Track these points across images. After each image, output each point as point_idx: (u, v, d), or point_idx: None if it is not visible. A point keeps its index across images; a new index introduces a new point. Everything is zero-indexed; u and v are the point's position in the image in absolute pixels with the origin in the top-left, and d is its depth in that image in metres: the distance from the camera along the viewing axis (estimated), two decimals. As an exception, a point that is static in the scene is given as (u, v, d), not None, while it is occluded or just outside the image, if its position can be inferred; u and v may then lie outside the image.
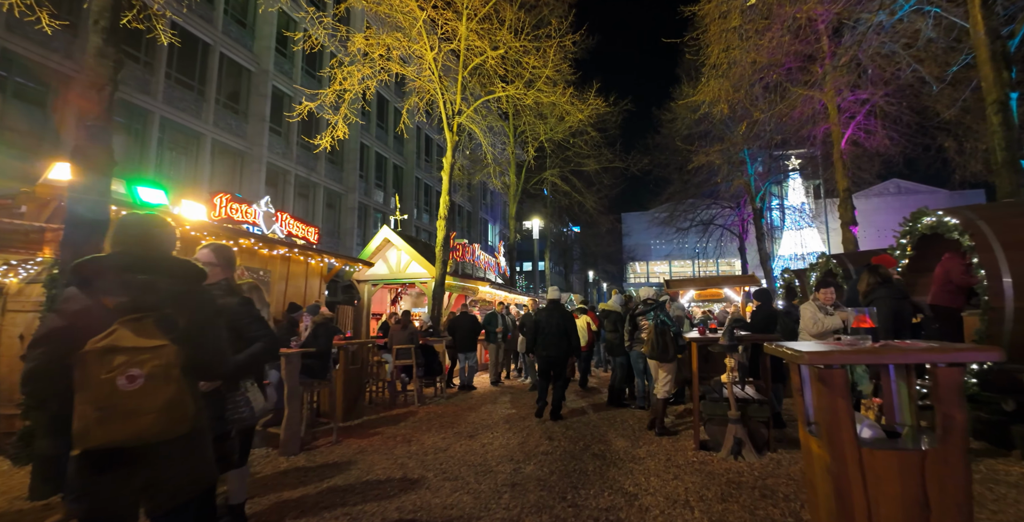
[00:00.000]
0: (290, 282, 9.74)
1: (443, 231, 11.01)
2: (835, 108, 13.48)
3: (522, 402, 8.26)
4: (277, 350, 2.72)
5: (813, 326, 4.85)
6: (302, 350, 5.44)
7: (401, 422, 6.88)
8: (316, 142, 11.75)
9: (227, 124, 19.19)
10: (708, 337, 5.17)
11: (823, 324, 4.81)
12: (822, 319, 4.85)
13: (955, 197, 77.80)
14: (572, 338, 6.75)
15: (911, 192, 62.78)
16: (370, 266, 10.58)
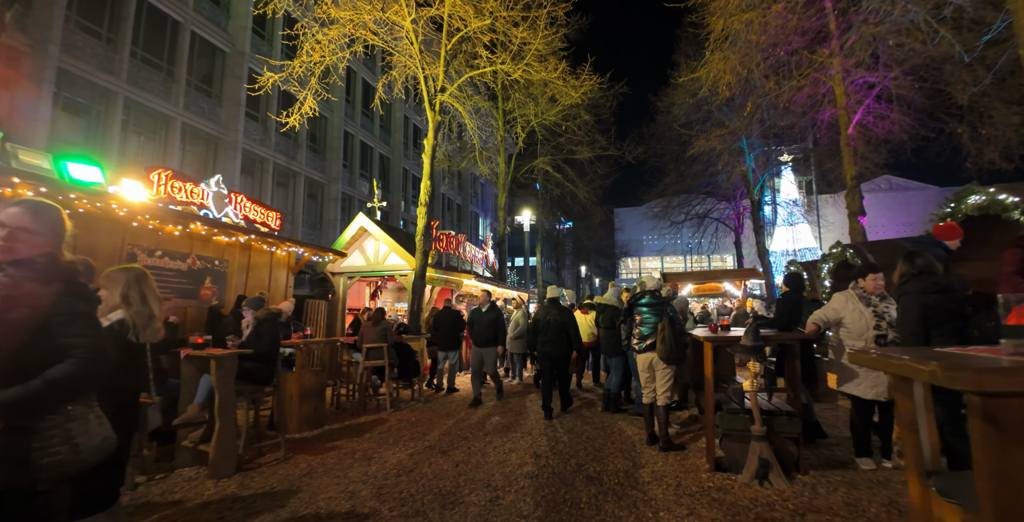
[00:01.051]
0: (251, 274, 8.79)
1: (423, 218, 10.09)
2: (842, 91, 12.67)
3: (507, 407, 7.39)
4: (95, 372, 1.79)
5: (858, 320, 4.00)
6: (235, 351, 4.52)
7: (367, 432, 5.99)
8: (284, 120, 10.70)
9: (199, 108, 18.09)
10: (725, 336, 4.32)
11: (867, 319, 3.98)
12: (865, 312, 4.02)
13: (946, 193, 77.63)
14: (572, 334, 6.69)
15: (902, 188, 62.64)
16: (343, 257, 9.63)
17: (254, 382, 4.84)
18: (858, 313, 4.03)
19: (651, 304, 5.04)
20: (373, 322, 7.36)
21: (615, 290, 7.07)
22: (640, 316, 5.10)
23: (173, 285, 7.50)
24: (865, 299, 4.10)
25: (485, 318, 7.85)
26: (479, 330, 7.81)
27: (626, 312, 5.24)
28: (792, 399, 4.27)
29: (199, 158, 18.38)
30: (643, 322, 5.05)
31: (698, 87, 14.12)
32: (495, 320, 7.89)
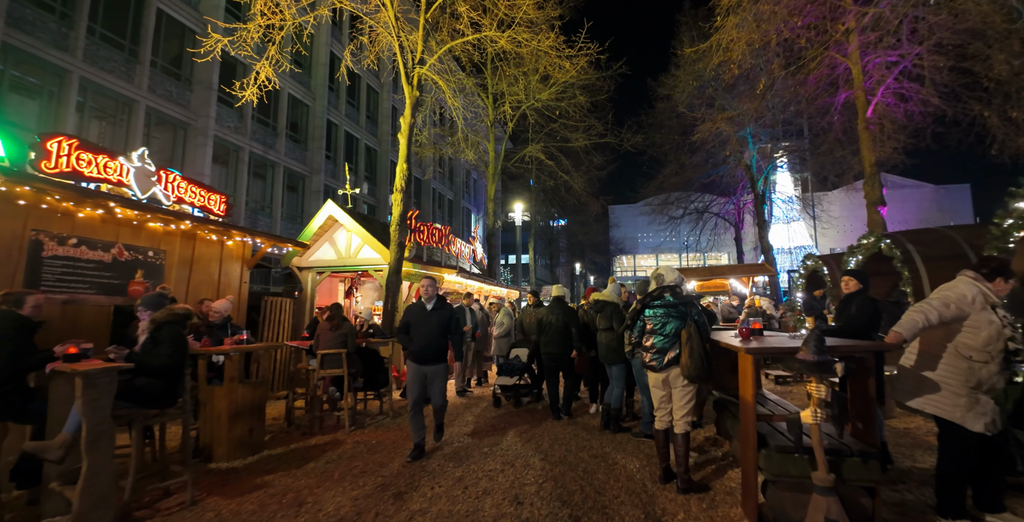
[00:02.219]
0: (197, 267, 7.61)
1: (399, 206, 8.95)
2: (860, 71, 11.62)
3: (489, 423, 6.27)
4: None
5: (986, 326, 2.91)
6: (111, 366, 3.37)
7: (312, 461, 4.85)
8: (240, 94, 9.50)
9: (166, 91, 16.81)
10: (775, 346, 3.21)
11: (997, 325, 2.88)
12: (994, 316, 2.92)
13: (940, 192, 77.79)
14: (575, 333, 6.37)
15: (898, 186, 62.24)
16: (304, 248, 8.46)
17: (148, 404, 3.69)
18: (986, 316, 2.93)
19: (671, 305, 3.92)
20: (331, 324, 6.21)
21: (615, 286, 5.96)
22: (651, 322, 3.97)
23: (92, 279, 6.32)
24: (989, 304, 3.00)
25: (431, 319, 5.07)
26: (420, 336, 5.02)
27: (632, 316, 4.11)
28: (864, 431, 3.17)
29: (166, 145, 17.12)
30: (656, 330, 3.93)
31: (702, 69, 13.03)
32: (447, 322, 5.14)
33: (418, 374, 5.03)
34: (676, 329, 3.85)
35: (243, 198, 19.13)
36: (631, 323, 4.11)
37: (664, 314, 3.91)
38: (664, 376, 3.87)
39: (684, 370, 3.69)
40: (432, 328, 5.00)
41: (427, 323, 5.02)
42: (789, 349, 2.99)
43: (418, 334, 5.01)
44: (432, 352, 4.99)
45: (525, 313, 8.12)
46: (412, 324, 5.08)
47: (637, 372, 5.29)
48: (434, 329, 5.01)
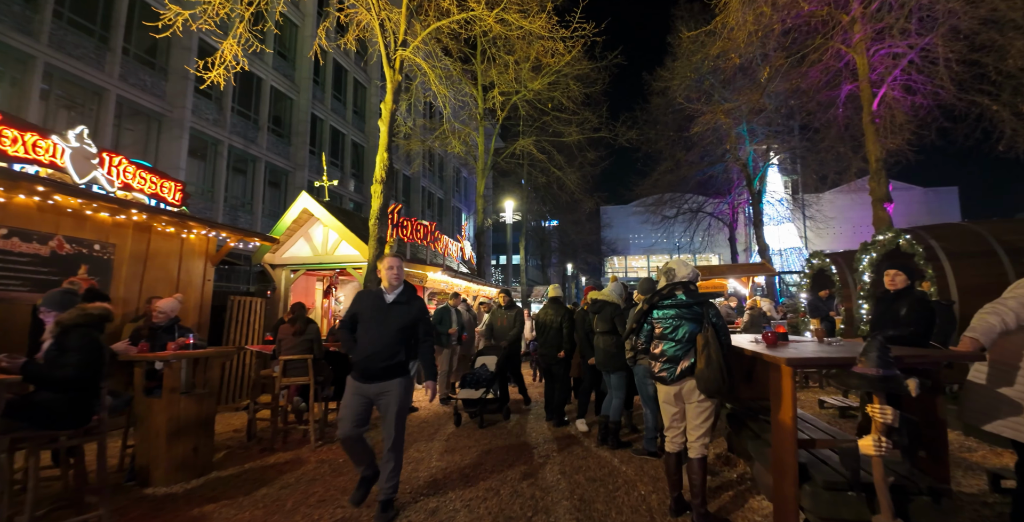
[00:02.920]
0: (152, 263, 6.90)
1: (379, 199, 8.29)
2: (865, 63, 11.13)
3: (471, 438, 5.63)
4: None
5: None
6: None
7: (265, 485, 4.18)
8: (206, 76, 8.80)
9: (139, 80, 16.00)
10: (824, 356, 2.61)
11: None
12: None
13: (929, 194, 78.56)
14: (566, 334, 6.17)
15: (886, 188, 62.36)
16: (275, 243, 7.75)
17: (49, 423, 3.02)
18: None
19: (684, 305, 3.30)
20: (294, 327, 5.55)
21: (617, 286, 5.34)
22: (661, 326, 3.36)
23: (27, 275, 5.61)
24: None
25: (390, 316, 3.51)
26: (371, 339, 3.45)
27: (638, 317, 3.50)
28: (931, 462, 2.56)
29: (139, 137, 16.30)
30: (667, 334, 3.32)
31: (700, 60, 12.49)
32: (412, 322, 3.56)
33: (358, 398, 3.39)
34: (690, 333, 3.23)
35: (222, 194, 18.35)
36: (636, 326, 3.49)
37: (676, 316, 3.30)
38: (676, 389, 3.26)
39: (701, 383, 3.08)
40: (390, 329, 3.41)
41: (383, 321, 3.43)
42: (842, 361, 2.39)
43: (368, 335, 3.42)
44: (383, 363, 3.36)
45: (495, 315, 7.42)
46: (362, 319, 3.51)
47: (639, 381, 4.68)
48: (392, 330, 3.41)
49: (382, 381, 3.41)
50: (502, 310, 7.33)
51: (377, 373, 3.40)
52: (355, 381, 3.46)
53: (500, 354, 6.68)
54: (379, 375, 3.40)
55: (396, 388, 3.43)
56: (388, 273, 3.59)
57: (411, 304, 3.61)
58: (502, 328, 7.19)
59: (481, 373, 6.47)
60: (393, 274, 3.59)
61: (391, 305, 3.54)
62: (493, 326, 7.33)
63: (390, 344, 3.41)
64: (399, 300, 3.57)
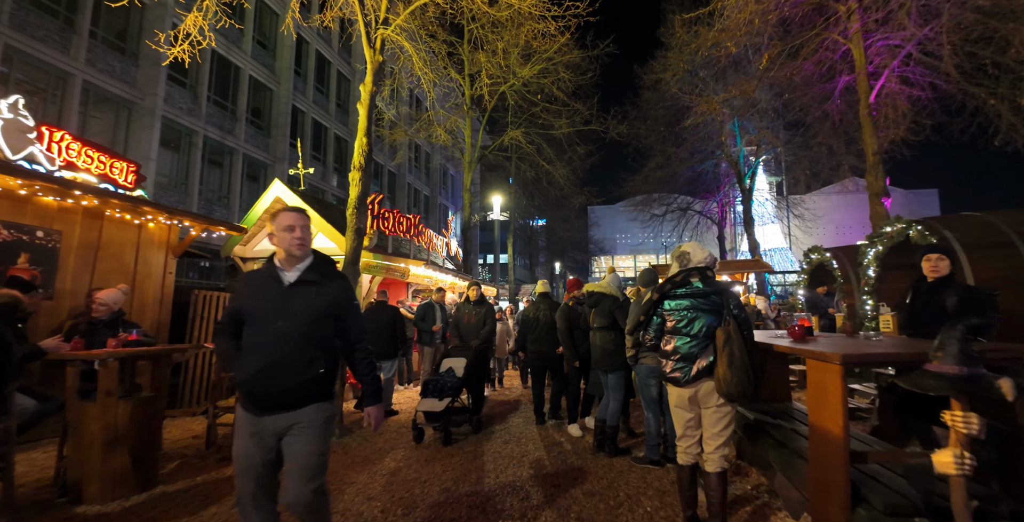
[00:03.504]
0: (104, 253, 6.28)
1: (357, 186, 7.75)
2: (862, 54, 10.86)
3: (457, 444, 5.13)
4: None
5: None
6: None
7: (215, 504, 3.65)
8: (168, 52, 8.18)
9: (108, 65, 15.19)
10: (884, 352, 2.16)
11: None
12: None
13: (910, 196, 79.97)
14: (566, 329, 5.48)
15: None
16: (241, 232, 7.15)
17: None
18: None
19: (700, 295, 2.84)
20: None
21: (615, 277, 4.88)
22: (673, 318, 2.90)
23: (-47, 264, 4.99)
24: None
25: (291, 307, 2.14)
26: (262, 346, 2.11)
27: (647, 309, 3.02)
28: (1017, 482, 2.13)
29: (107, 125, 15.49)
30: (681, 328, 2.85)
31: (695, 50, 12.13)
32: (331, 316, 2.23)
33: (257, 443, 2.09)
34: (708, 327, 2.78)
35: (196, 186, 17.58)
36: (645, 319, 3.02)
37: (691, 307, 2.84)
38: (691, 392, 2.80)
39: (721, 385, 2.62)
40: (292, 324, 2.10)
41: (281, 313, 2.11)
42: (910, 356, 1.94)
43: (257, 339, 2.10)
44: (286, 382, 2.07)
45: (461, 311, 6.56)
46: (248, 316, 2.15)
47: (641, 382, 4.23)
48: (296, 327, 2.10)
49: (286, 411, 2.07)
50: (470, 305, 6.51)
51: (276, 399, 2.05)
52: (246, 413, 2.10)
53: (470, 356, 5.82)
54: (280, 401, 2.06)
55: (310, 422, 2.09)
56: (286, 237, 2.15)
57: (325, 284, 2.21)
58: (470, 326, 6.36)
59: (446, 379, 5.47)
60: (295, 239, 2.15)
61: (293, 288, 2.15)
62: (459, 323, 6.47)
63: (295, 350, 2.06)
64: (306, 279, 2.18)
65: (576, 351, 5.22)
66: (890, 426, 3.23)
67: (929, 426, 3.10)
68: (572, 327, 5.27)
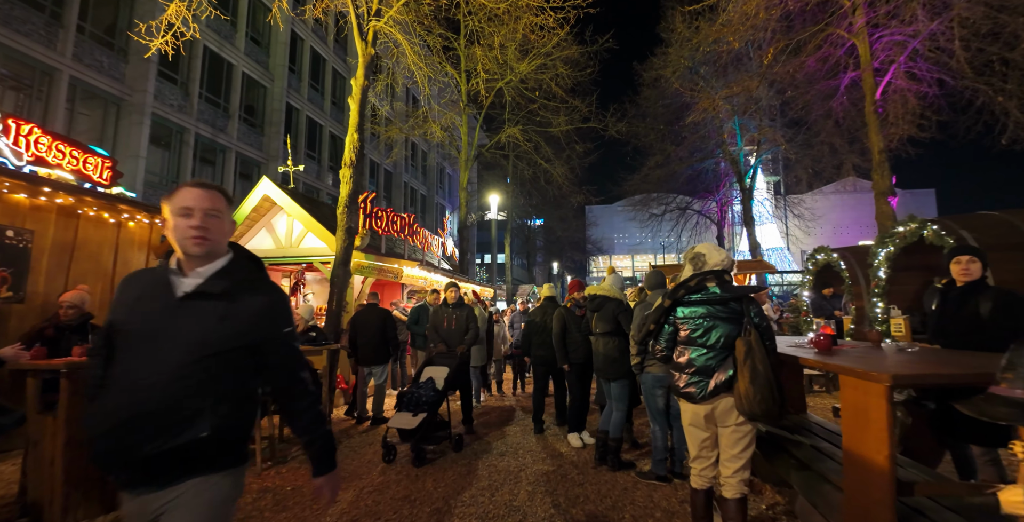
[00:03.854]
0: (81, 254, 5.98)
1: (348, 184, 7.46)
2: (867, 50, 10.61)
3: (451, 457, 4.84)
4: None
5: None
6: None
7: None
8: (151, 44, 7.88)
9: (95, 61, 14.85)
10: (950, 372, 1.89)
11: None
12: None
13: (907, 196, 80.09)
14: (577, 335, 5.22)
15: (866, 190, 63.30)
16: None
17: None
18: None
19: (717, 301, 2.56)
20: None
21: (616, 278, 4.61)
22: (687, 327, 2.62)
23: (-88, 266, 4.69)
24: None
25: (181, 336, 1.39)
26: (114, 399, 1.35)
27: (658, 316, 2.74)
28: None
29: (95, 122, 15.16)
30: (695, 338, 2.57)
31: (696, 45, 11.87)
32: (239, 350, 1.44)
33: None
34: (726, 338, 2.50)
35: (188, 185, 17.21)
36: (656, 328, 2.73)
37: (707, 315, 2.56)
38: (708, 410, 2.52)
39: (742, 402, 2.35)
40: (173, 363, 1.35)
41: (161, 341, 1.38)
42: (972, 377, 1.67)
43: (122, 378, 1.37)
44: (156, 441, 1.30)
45: (439, 315, 5.96)
46: (119, 340, 1.42)
47: (647, 391, 3.95)
48: (178, 367, 1.35)
49: (154, 488, 1.35)
50: (448, 308, 5.89)
51: (138, 468, 1.33)
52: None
53: (453, 365, 5.21)
54: (144, 472, 1.33)
55: (188, 506, 1.36)
56: (181, 225, 1.44)
57: (239, 300, 1.46)
58: (451, 332, 5.79)
59: (424, 391, 4.78)
60: (191, 229, 1.43)
61: (186, 302, 1.43)
62: (438, 329, 5.86)
63: (172, 395, 1.33)
64: (207, 290, 1.44)
65: (567, 354, 5.06)
66: (918, 444, 2.96)
67: (967, 446, 2.84)
68: (566, 331, 5.08)
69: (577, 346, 5.01)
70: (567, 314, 5.13)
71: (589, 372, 5.09)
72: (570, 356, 5.04)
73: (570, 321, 5.08)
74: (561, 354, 5.06)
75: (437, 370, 5.18)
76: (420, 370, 5.26)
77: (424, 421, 4.49)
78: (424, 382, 4.97)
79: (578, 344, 5.00)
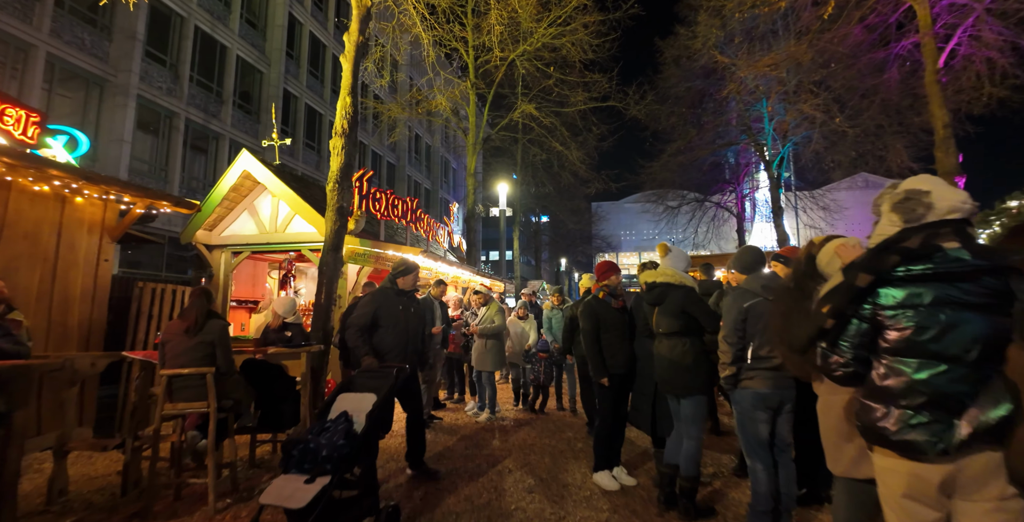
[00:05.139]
0: (11, 233, 4.88)
1: (340, 157, 6.33)
2: (927, 13, 9.39)
3: (446, 484, 3.72)
4: None
5: None
6: None
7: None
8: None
9: (76, 38, 13.81)
10: None
11: None
12: None
13: (924, 187, 78.80)
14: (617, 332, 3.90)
15: (878, 186, 62.03)
16: (190, 209, 5.69)
17: None
18: None
19: (960, 276, 1.41)
20: (186, 323, 3.60)
21: (677, 257, 3.43)
22: (907, 323, 1.45)
23: None
24: None
25: None
26: None
27: (838, 298, 1.58)
28: None
29: (76, 104, 14.13)
30: (923, 343, 1.42)
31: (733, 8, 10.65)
32: None
33: None
34: (986, 343, 1.37)
35: (178, 173, 16.20)
36: (835, 325, 1.58)
37: (945, 300, 1.41)
38: (947, 473, 1.38)
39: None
40: None
41: None
42: None
43: None
44: None
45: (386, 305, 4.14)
46: None
47: (744, 415, 2.82)
48: None
49: None
50: (403, 297, 4.23)
51: None
52: None
53: (384, 389, 3.15)
54: None
55: None
56: None
57: None
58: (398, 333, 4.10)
59: (327, 439, 2.72)
60: None
61: None
62: (374, 324, 4.07)
63: None
64: None
65: (604, 364, 3.76)
66: None
67: None
68: (600, 329, 3.83)
69: (616, 350, 3.81)
70: (598, 307, 3.90)
71: (628, 386, 3.93)
72: (608, 364, 3.80)
73: (605, 316, 3.91)
74: (597, 363, 3.75)
75: (359, 399, 3.08)
76: (330, 399, 3.16)
77: (323, 492, 2.49)
78: (336, 419, 2.87)
79: (616, 348, 3.82)
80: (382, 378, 3.26)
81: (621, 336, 3.84)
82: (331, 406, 3.06)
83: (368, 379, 3.30)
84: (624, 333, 3.86)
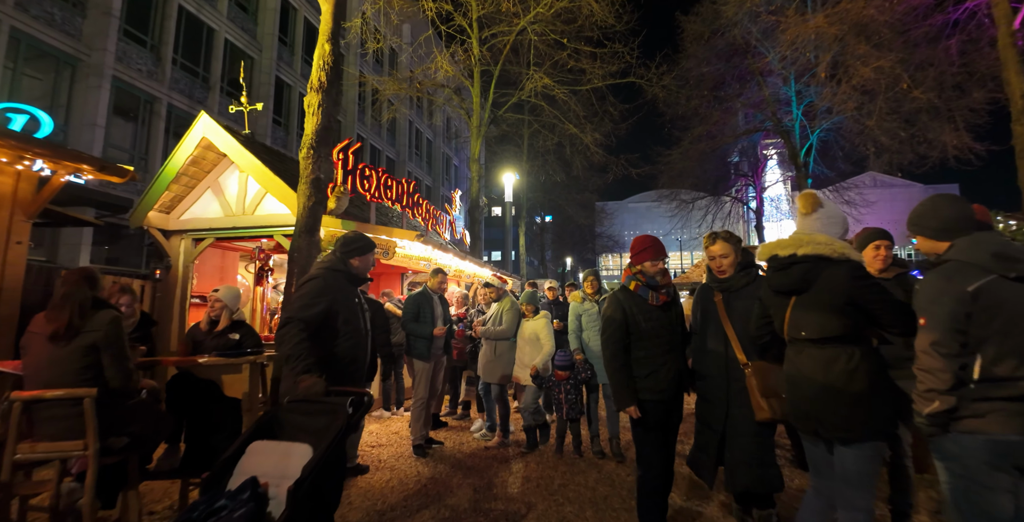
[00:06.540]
0: None
1: (316, 117, 5.15)
2: (998, -31, 8.14)
3: None
4: None
5: None
6: None
7: None
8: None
9: (45, 13, 12.63)
10: None
11: None
12: None
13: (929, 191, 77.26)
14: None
15: (887, 185, 61.13)
16: (121, 176, 4.45)
17: None
18: None
19: None
20: (57, 323, 2.37)
21: (832, 215, 2.15)
22: None
23: None
24: None
25: None
26: None
27: None
28: None
29: (45, 85, 12.95)
30: None
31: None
32: None
33: None
34: None
35: (159, 161, 14.99)
36: None
37: None
38: None
39: None
40: None
41: None
42: None
43: None
44: None
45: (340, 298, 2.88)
46: None
47: (969, 479, 1.57)
48: None
49: None
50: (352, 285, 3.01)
51: None
52: None
53: (334, 429, 1.93)
54: None
55: None
56: None
57: None
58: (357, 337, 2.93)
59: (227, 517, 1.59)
60: None
61: None
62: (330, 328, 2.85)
63: None
64: None
65: (630, 382, 2.58)
66: None
67: None
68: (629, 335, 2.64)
69: (656, 366, 2.59)
70: (628, 303, 2.69)
71: (677, 418, 2.72)
72: (641, 387, 2.58)
73: (639, 317, 2.64)
74: (621, 385, 2.59)
75: (278, 453, 1.89)
76: (233, 453, 1.91)
77: None
78: (232, 493, 1.69)
79: (657, 362, 2.60)
80: (327, 415, 1.96)
81: (663, 345, 2.62)
82: (233, 464, 1.76)
83: (304, 416, 1.99)
84: (669, 341, 2.65)
